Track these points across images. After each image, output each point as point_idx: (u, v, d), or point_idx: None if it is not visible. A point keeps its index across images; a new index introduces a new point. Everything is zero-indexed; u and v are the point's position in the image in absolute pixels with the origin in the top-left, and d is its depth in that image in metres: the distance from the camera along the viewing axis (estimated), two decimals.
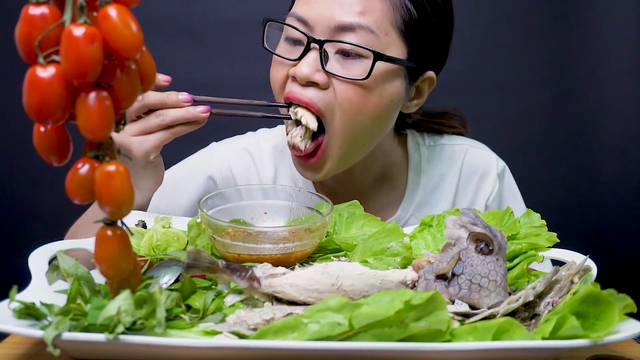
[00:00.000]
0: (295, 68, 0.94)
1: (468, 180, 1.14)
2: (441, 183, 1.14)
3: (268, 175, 1.14)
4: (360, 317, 0.58)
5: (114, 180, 0.58)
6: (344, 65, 0.94)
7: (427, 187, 1.13)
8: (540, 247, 0.83)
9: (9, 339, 0.71)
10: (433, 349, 0.59)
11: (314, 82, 0.94)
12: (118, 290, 0.62)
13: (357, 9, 0.93)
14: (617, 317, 0.61)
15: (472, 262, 0.71)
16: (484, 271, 0.71)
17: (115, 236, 0.61)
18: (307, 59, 0.93)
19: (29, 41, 0.55)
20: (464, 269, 0.71)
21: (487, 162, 1.16)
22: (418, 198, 1.12)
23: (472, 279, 0.70)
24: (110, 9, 0.55)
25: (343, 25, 0.93)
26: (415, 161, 1.13)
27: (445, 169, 1.14)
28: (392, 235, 0.90)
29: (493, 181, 1.15)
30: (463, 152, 1.15)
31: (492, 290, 0.70)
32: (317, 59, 0.93)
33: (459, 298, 0.70)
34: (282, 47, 0.98)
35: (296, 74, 0.94)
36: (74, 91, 0.56)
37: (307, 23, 0.94)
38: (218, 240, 0.84)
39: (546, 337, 0.60)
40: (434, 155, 1.15)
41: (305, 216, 0.94)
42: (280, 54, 0.97)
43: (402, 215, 1.12)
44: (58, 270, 0.73)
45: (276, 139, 1.16)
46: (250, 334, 0.62)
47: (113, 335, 0.58)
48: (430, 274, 0.72)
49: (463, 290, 0.70)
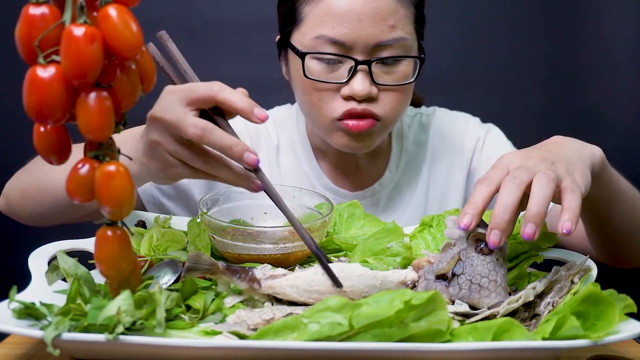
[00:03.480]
0: (351, 88, 0.99)
1: (441, 143, 1.21)
2: (419, 147, 1.21)
3: (273, 142, 1.19)
4: (360, 317, 0.58)
5: (114, 180, 0.58)
6: (387, 72, 1.00)
7: (409, 151, 1.20)
8: (540, 247, 0.83)
9: (9, 339, 0.71)
10: (433, 349, 0.59)
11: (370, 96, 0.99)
12: (118, 290, 0.62)
13: (389, 23, 0.98)
14: (617, 317, 0.61)
15: (472, 262, 0.71)
16: (484, 271, 0.71)
17: (115, 236, 0.61)
18: (357, 77, 0.98)
19: (29, 41, 0.55)
20: (464, 269, 0.71)
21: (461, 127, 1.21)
22: (402, 162, 1.19)
23: (472, 279, 0.70)
24: (110, 9, 0.55)
25: (381, 44, 0.98)
26: (397, 128, 1.20)
27: (422, 135, 1.21)
28: (392, 235, 0.90)
29: (471, 144, 1.19)
30: (434, 117, 1.23)
31: (492, 290, 0.70)
32: (366, 75, 0.98)
33: (459, 298, 0.70)
34: (316, 70, 1.00)
35: (355, 94, 0.98)
36: (74, 91, 0.56)
37: (344, 45, 0.98)
38: (218, 240, 0.84)
39: (546, 337, 0.60)
40: (413, 123, 1.22)
41: (305, 216, 0.94)
42: (322, 78, 1.00)
43: (389, 176, 1.18)
44: (58, 270, 0.73)
45: (274, 113, 1.23)
46: (250, 334, 0.62)
47: (113, 335, 0.58)
48: (430, 274, 0.72)
49: (463, 290, 0.70)
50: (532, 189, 0.68)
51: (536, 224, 0.67)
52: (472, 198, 0.72)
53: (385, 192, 1.17)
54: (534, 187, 0.68)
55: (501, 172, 0.72)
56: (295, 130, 1.20)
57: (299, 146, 1.17)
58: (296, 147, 1.18)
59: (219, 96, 0.72)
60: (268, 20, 1.15)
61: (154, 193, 1.11)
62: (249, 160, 0.72)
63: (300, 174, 1.16)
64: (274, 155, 1.18)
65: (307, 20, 1.00)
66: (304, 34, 1.00)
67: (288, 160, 1.18)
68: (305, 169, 1.17)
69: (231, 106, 0.72)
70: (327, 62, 0.99)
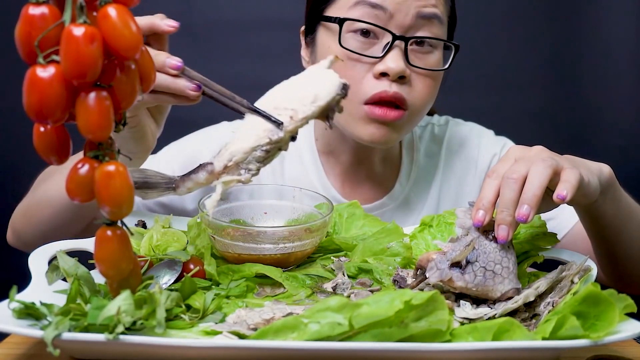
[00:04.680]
0: (385, 64, 0.96)
1: (453, 157, 1.18)
2: (431, 160, 1.18)
3: None
4: (360, 317, 0.58)
5: (114, 180, 0.58)
6: (421, 57, 0.98)
7: (419, 163, 1.17)
8: (540, 247, 0.83)
9: (9, 339, 0.71)
10: (433, 349, 0.59)
11: (402, 76, 0.96)
12: (118, 290, 0.62)
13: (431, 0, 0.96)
14: (617, 317, 0.61)
15: (485, 249, 0.72)
16: (496, 258, 0.72)
17: (115, 236, 0.61)
18: (392, 53, 0.96)
19: (28, 41, 0.55)
20: (478, 257, 0.72)
21: (475, 141, 1.18)
22: (413, 174, 1.16)
23: (487, 266, 0.72)
24: (110, 9, 0.55)
25: (423, 14, 0.96)
26: (408, 139, 1.18)
27: (434, 147, 1.19)
28: (392, 235, 0.90)
29: (486, 160, 1.16)
30: (447, 129, 1.20)
31: (505, 277, 0.72)
32: (402, 54, 0.96)
33: (475, 285, 0.71)
34: (350, 41, 0.97)
35: (390, 69, 0.95)
36: (74, 91, 0.56)
37: (385, 9, 0.95)
38: (218, 240, 0.84)
39: (546, 337, 0.60)
40: (425, 133, 1.19)
41: (305, 216, 0.94)
42: (355, 50, 0.97)
43: (400, 189, 1.15)
44: (58, 270, 0.73)
45: None
46: (250, 334, 0.62)
47: (113, 335, 0.58)
48: (442, 264, 0.72)
49: (478, 277, 0.71)
50: (529, 174, 0.71)
51: (530, 206, 0.69)
52: (482, 193, 0.74)
53: (394, 205, 1.14)
54: (531, 172, 0.71)
55: (508, 164, 0.74)
56: (301, 136, 1.12)
57: (306, 154, 1.13)
58: (302, 154, 1.13)
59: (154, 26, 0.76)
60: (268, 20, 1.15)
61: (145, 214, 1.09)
62: (172, 64, 0.73)
63: (306, 183, 1.10)
64: (278, 163, 1.13)
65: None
66: (341, 6, 0.98)
67: (293, 168, 1.14)
68: (312, 178, 1.12)
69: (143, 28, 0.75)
70: (364, 36, 0.97)
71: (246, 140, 0.69)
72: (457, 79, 1.75)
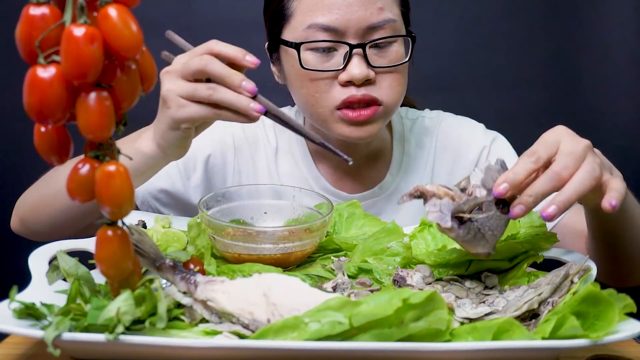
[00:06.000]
0: (348, 73, 0.99)
1: (444, 148, 1.19)
2: (422, 151, 1.19)
3: (272, 145, 1.17)
4: (359, 315, 0.58)
5: (114, 180, 0.58)
6: (381, 55, 1.01)
7: (410, 154, 1.19)
8: (540, 247, 0.83)
9: (9, 339, 0.71)
10: (433, 349, 0.59)
11: (367, 79, 0.99)
12: (118, 290, 0.62)
13: (378, 5, 0.99)
14: (617, 317, 0.61)
15: (489, 214, 0.73)
16: (493, 225, 0.73)
17: (116, 236, 0.61)
18: (353, 62, 0.99)
19: (29, 41, 0.55)
20: (479, 218, 0.72)
21: (466, 134, 1.20)
22: (404, 165, 1.18)
23: (482, 228, 0.73)
24: (110, 9, 0.55)
25: (372, 26, 0.99)
26: (399, 132, 1.19)
27: (424, 137, 1.20)
28: (392, 235, 0.90)
29: (476, 152, 1.18)
30: (439, 122, 1.21)
31: (488, 241, 0.73)
32: (362, 59, 0.99)
33: (462, 239, 0.73)
34: (311, 60, 1.00)
35: (354, 77, 0.99)
36: (74, 91, 0.56)
37: (337, 30, 0.98)
38: (218, 240, 0.84)
39: (546, 337, 0.60)
40: (415, 126, 1.21)
41: (305, 216, 0.94)
42: (317, 67, 1.00)
43: (391, 179, 1.17)
44: (58, 270, 0.73)
45: None
46: (250, 334, 0.62)
47: (113, 335, 0.58)
48: (447, 209, 0.72)
49: (470, 235, 0.72)
50: (574, 177, 0.70)
51: (560, 210, 0.69)
52: (515, 168, 0.73)
53: (386, 195, 1.16)
54: (576, 177, 0.70)
55: (550, 150, 0.73)
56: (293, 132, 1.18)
57: (297, 149, 1.16)
58: (294, 149, 1.17)
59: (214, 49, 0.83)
60: None
61: (151, 203, 1.10)
62: (248, 88, 0.79)
63: (298, 176, 1.15)
64: (273, 159, 1.16)
65: (296, 14, 1.01)
66: (295, 27, 1.01)
67: (286, 163, 1.17)
68: (303, 171, 1.15)
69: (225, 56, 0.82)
70: (322, 51, 1.00)
71: (233, 301, 0.66)
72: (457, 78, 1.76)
